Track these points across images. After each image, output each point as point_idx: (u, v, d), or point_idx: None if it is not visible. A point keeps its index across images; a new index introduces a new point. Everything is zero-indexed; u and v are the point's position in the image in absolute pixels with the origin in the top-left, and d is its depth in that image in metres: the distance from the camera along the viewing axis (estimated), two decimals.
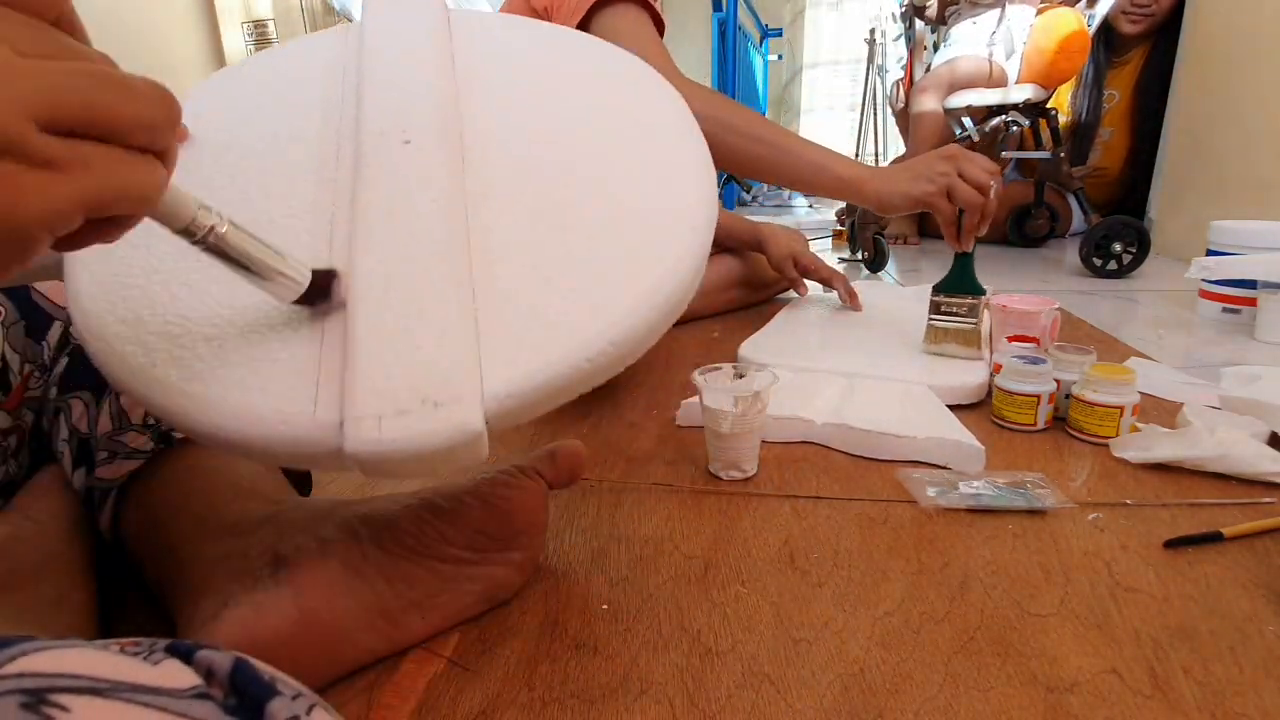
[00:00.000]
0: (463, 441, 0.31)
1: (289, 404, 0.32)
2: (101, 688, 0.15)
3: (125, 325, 0.34)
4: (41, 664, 0.15)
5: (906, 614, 0.45)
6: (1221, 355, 1.01)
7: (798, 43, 4.35)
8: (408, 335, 0.33)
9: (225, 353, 0.33)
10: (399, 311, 0.34)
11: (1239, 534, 0.52)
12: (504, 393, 0.32)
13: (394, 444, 0.30)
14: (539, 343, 0.34)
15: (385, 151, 0.40)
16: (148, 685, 0.16)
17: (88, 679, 0.15)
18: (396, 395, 0.31)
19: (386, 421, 0.31)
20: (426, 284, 0.35)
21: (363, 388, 0.31)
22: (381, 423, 0.31)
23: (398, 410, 0.31)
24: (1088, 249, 1.55)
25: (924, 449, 0.66)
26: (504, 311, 0.35)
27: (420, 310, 0.34)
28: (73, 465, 0.48)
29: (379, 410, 0.31)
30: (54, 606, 0.41)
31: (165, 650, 0.18)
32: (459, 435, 0.31)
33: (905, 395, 0.76)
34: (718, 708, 0.38)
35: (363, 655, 0.40)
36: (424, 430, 0.30)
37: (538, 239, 0.38)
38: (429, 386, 0.31)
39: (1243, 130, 1.58)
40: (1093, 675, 0.40)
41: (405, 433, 0.30)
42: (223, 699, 0.17)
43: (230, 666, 0.18)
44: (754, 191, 3.42)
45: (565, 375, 0.33)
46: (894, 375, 0.81)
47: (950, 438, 0.65)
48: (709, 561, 0.51)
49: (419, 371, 0.32)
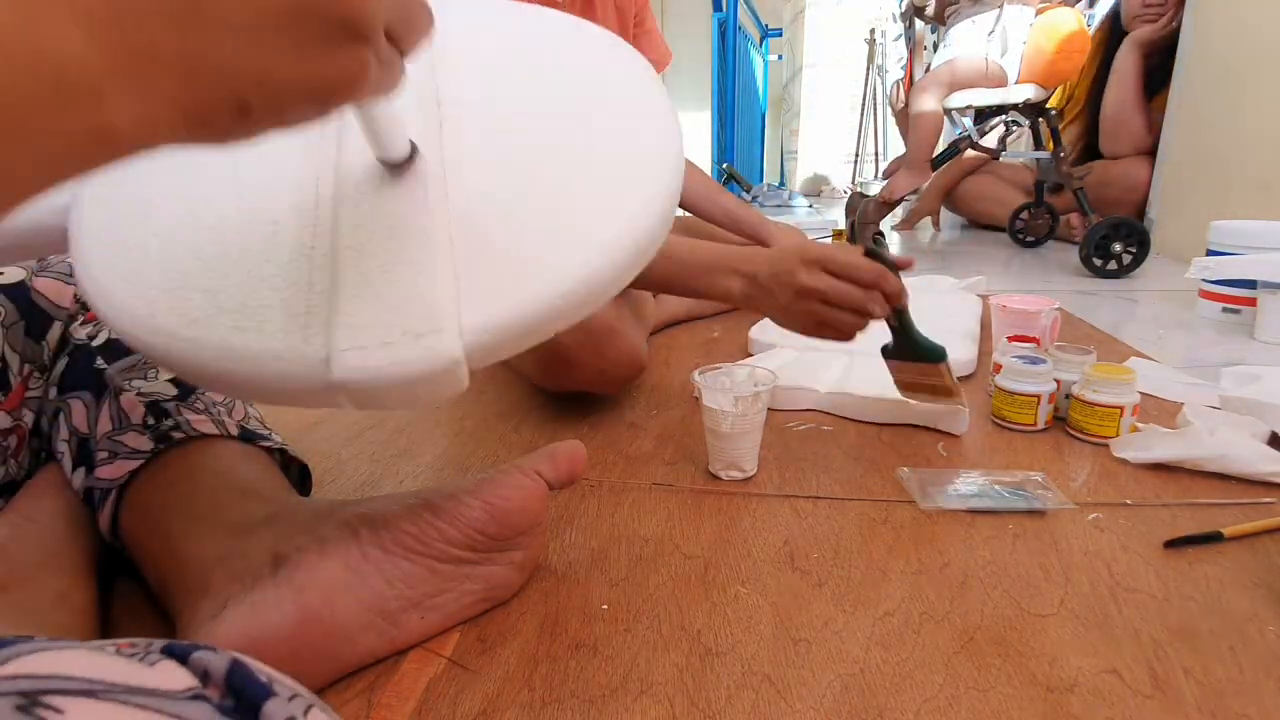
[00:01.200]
0: (443, 368, 0.33)
1: (279, 342, 0.34)
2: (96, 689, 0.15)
3: (127, 283, 0.37)
4: (36, 665, 0.15)
5: (906, 614, 0.45)
6: (1221, 355, 1.01)
7: (798, 43, 4.35)
8: (388, 275, 0.36)
9: (220, 300, 0.36)
10: (381, 257, 0.36)
11: (1239, 534, 0.52)
12: (481, 326, 0.34)
13: (379, 371, 0.33)
14: (514, 281, 0.36)
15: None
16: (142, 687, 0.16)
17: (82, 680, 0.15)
18: (379, 328, 0.34)
19: (370, 352, 0.33)
20: (406, 232, 0.37)
21: (347, 323, 0.34)
22: (365, 353, 0.33)
23: (381, 342, 0.33)
24: (1088, 249, 1.55)
25: (916, 412, 0.73)
26: (480, 254, 0.37)
27: (401, 254, 0.36)
28: (72, 465, 0.48)
29: (363, 342, 0.33)
30: (54, 606, 0.41)
31: (161, 651, 0.18)
32: (440, 362, 0.33)
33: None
34: (718, 708, 0.38)
35: (362, 655, 0.40)
36: (407, 358, 0.33)
37: (512, 190, 0.40)
38: (410, 319, 0.34)
39: (1243, 130, 1.58)
40: (1093, 675, 0.40)
41: (388, 361, 0.33)
42: (219, 700, 0.17)
43: (226, 667, 0.18)
44: (754, 191, 3.41)
45: (540, 311, 0.35)
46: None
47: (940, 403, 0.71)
48: (709, 561, 0.51)
49: (400, 306, 0.34)
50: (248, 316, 0.35)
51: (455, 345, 0.33)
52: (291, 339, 0.34)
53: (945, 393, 0.70)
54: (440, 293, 0.35)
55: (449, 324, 0.34)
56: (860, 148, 4.07)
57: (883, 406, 0.74)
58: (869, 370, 0.82)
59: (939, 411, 0.72)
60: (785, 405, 0.79)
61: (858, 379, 0.80)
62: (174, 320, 0.35)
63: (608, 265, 0.37)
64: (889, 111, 3.78)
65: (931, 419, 0.73)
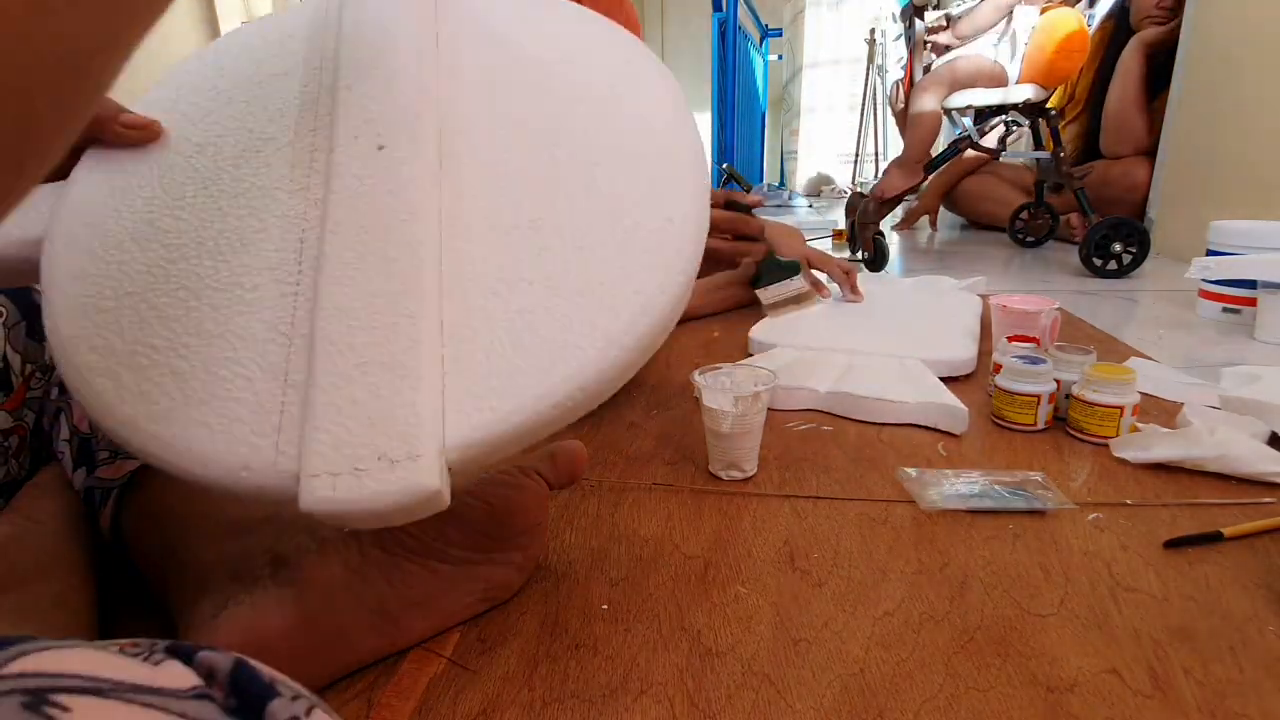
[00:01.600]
0: (419, 500, 0.30)
1: (251, 450, 0.32)
2: (103, 688, 0.15)
3: (97, 355, 0.34)
4: (43, 664, 0.15)
5: (906, 614, 0.45)
6: (1221, 355, 1.01)
7: (798, 43, 4.35)
8: (369, 378, 0.32)
9: (190, 389, 0.33)
10: (363, 351, 0.33)
11: (1239, 534, 0.52)
12: (466, 442, 0.32)
13: (348, 504, 0.30)
14: (505, 388, 0.33)
15: (358, 161, 0.38)
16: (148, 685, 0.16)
17: (89, 679, 0.15)
18: (353, 451, 0.31)
19: (341, 480, 0.30)
20: (390, 322, 0.34)
21: (320, 441, 0.31)
22: (336, 481, 0.30)
23: (353, 468, 0.30)
24: (1088, 249, 1.55)
25: (916, 412, 0.74)
26: (472, 352, 0.34)
27: (385, 349, 0.33)
28: (73, 465, 0.48)
29: (335, 467, 0.30)
30: (54, 606, 0.41)
31: (165, 651, 0.18)
32: (415, 495, 0.30)
33: (900, 368, 0.83)
34: (718, 708, 0.38)
35: (363, 655, 0.40)
36: (379, 490, 0.30)
37: (511, 265, 0.36)
38: (387, 441, 0.31)
39: (1243, 130, 1.58)
40: (1093, 675, 0.40)
41: (360, 492, 0.30)
42: (223, 699, 0.17)
43: (230, 667, 0.18)
44: (754, 191, 3.42)
45: (530, 422, 0.33)
46: (891, 352, 0.88)
47: (939, 402, 0.73)
48: (709, 561, 0.51)
49: (378, 421, 0.31)
50: (215, 412, 0.33)
51: (433, 475, 0.30)
52: (261, 449, 0.32)
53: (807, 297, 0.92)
54: (423, 406, 0.32)
55: (429, 447, 0.31)
56: (860, 148, 4.07)
57: (883, 406, 0.75)
58: (869, 370, 0.83)
59: (938, 411, 0.72)
60: (785, 405, 0.79)
61: (858, 379, 0.80)
62: (140, 410, 0.33)
63: (611, 368, 0.34)
64: (889, 111, 3.78)
65: (931, 419, 0.73)
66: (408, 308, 0.34)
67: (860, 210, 1.76)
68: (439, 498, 0.31)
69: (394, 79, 0.41)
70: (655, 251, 0.37)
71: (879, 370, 0.83)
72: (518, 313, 0.35)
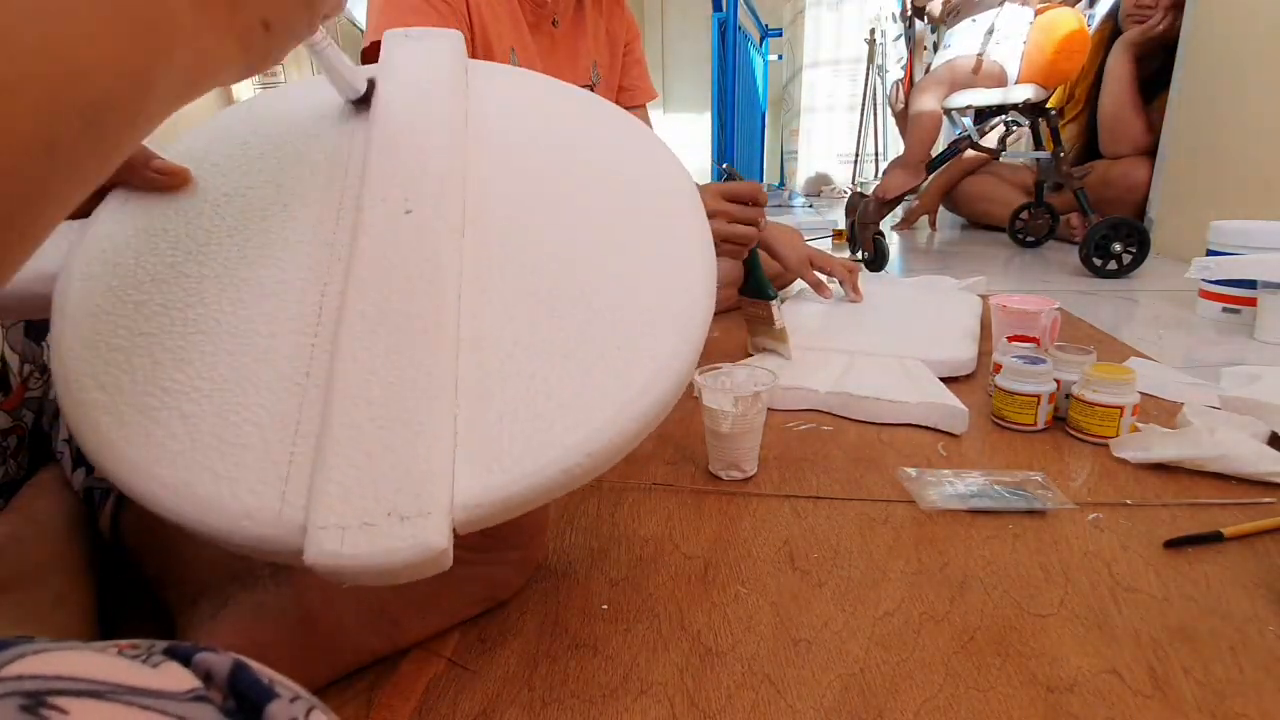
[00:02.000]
0: (426, 559, 0.30)
1: (256, 499, 0.31)
2: (100, 690, 0.15)
3: (104, 392, 0.34)
4: (40, 666, 0.15)
5: (906, 614, 0.45)
6: (1221, 355, 1.01)
7: (798, 43, 4.35)
8: (383, 430, 0.32)
9: (198, 433, 0.33)
10: (377, 405, 0.33)
11: (1239, 534, 0.52)
12: (474, 502, 0.32)
13: (354, 559, 0.30)
14: (516, 451, 0.33)
15: (385, 221, 0.39)
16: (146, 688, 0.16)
17: (87, 681, 0.15)
18: (363, 505, 0.31)
19: (350, 534, 0.30)
20: (408, 378, 0.34)
21: (330, 493, 0.31)
22: (344, 535, 0.30)
23: (362, 522, 0.30)
24: (1088, 249, 1.55)
25: (916, 412, 0.74)
26: (484, 413, 0.34)
27: (398, 406, 0.33)
28: (72, 465, 0.48)
29: (344, 520, 0.30)
30: (54, 606, 0.41)
31: (164, 653, 0.18)
32: (422, 553, 0.30)
33: (901, 368, 0.83)
34: (718, 708, 0.38)
35: (363, 655, 0.40)
36: (386, 546, 0.30)
37: (528, 329, 0.37)
38: (397, 497, 0.31)
39: (1243, 130, 1.58)
40: (1093, 675, 0.40)
41: (367, 547, 0.30)
42: (221, 702, 0.17)
43: (229, 669, 0.18)
44: None
45: (539, 485, 0.33)
46: (891, 352, 0.88)
47: (939, 402, 0.73)
48: (709, 561, 0.51)
49: (389, 478, 0.31)
50: (222, 457, 0.32)
51: (442, 534, 0.30)
52: (266, 498, 0.31)
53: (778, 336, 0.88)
54: (435, 463, 0.32)
55: (439, 505, 0.31)
56: (860, 148, 4.07)
57: (883, 407, 0.75)
58: (869, 370, 0.83)
59: (938, 412, 0.72)
60: (785, 405, 0.79)
61: (857, 379, 0.80)
62: (148, 453, 0.32)
63: (621, 436, 0.35)
64: (889, 111, 3.78)
65: (932, 419, 0.73)
66: (425, 365, 0.34)
67: (860, 210, 1.76)
68: (444, 557, 0.31)
69: (424, 149, 0.42)
70: (667, 320, 0.38)
71: (879, 370, 0.83)
72: (531, 377, 0.35)
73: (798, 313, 1.11)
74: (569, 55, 1.02)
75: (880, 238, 1.69)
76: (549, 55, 0.99)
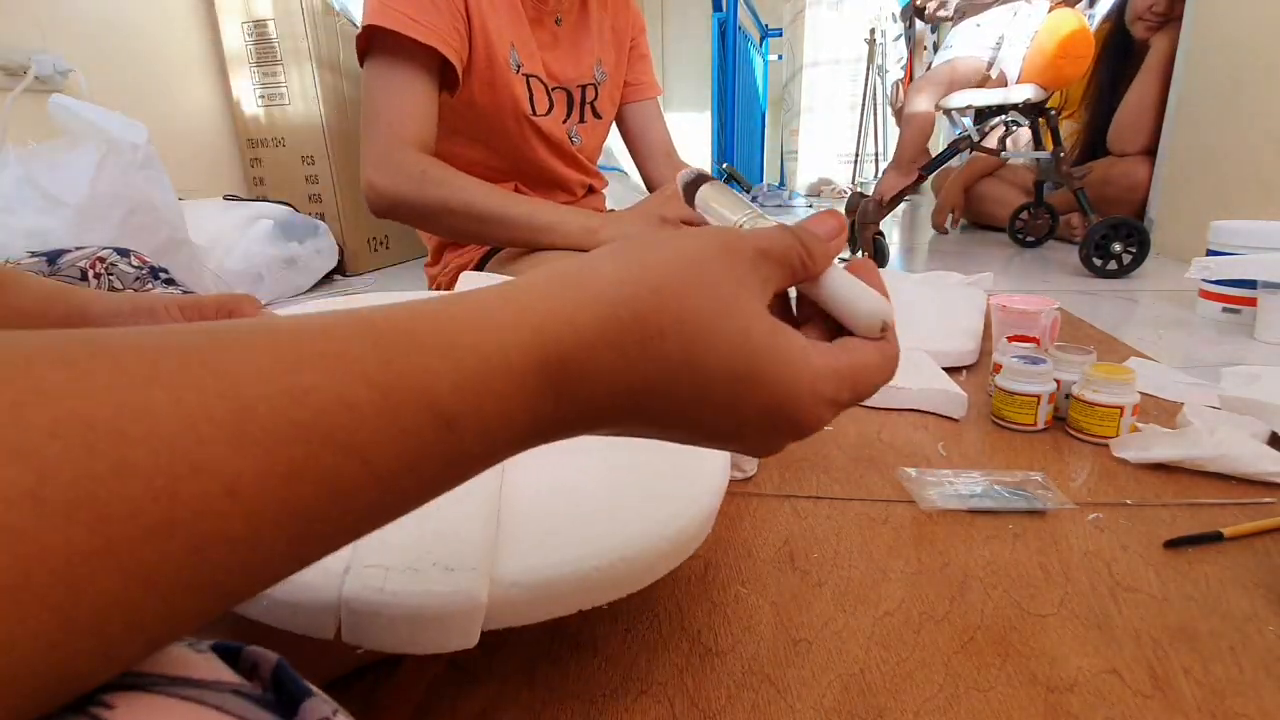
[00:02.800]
0: (463, 610, 0.31)
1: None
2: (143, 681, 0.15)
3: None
4: None
5: (906, 614, 0.45)
6: (1221, 355, 1.01)
7: (798, 43, 4.35)
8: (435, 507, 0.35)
9: None
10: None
11: (1239, 534, 0.52)
12: (511, 580, 0.33)
13: (394, 598, 0.30)
14: (553, 545, 0.35)
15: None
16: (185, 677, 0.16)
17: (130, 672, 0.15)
18: (412, 552, 0.32)
19: (393, 575, 0.31)
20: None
21: (381, 540, 0.31)
22: (388, 574, 0.31)
23: (409, 566, 0.31)
24: (1088, 249, 1.55)
25: (916, 398, 0.77)
26: (525, 517, 0.37)
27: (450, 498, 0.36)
28: None
29: (390, 562, 0.31)
30: None
31: (210, 648, 0.18)
32: (462, 602, 0.31)
33: (904, 357, 0.82)
34: (718, 708, 0.38)
35: (362, 655, 0.40)
36: (428, 590, 0.31)
37: (566, 465, 0.42)
38: (444, 551, 0.33)
39: (1243, 130, 1.58)
40: (1093, 675, 0.40)
41: (410, 588, 0.30)
42: (262, 693, 0.17)
43: (274, 664, 0.18)
44: (754, 191, 3.42)
45: (574, 577, 0.34)
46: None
47: (938, 388, 0.76)
48: (709, 561, 0.51)
49: (439, 535, 0.34)
50: None
51: (483, 587, 0.32)
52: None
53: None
54: (480, 532, 0.34)
55: (484, 564, 0.33)
56: (860, 148, 4.07)
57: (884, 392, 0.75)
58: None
59: (938, 397, 0.74)
60: None
61: None
62: None
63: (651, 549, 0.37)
64: (889, 111, 3.78)
65: (932, 404, 0.74)
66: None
67: (860, 210, 1.76)
68: (479, 616, 0.31)
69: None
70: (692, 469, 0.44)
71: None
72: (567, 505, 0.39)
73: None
74: (571, 52, 1.02)
75: (880, 237, 1.70)
76: (550, 50, 0.99)
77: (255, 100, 1.73)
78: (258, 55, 1.69)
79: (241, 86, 1.73)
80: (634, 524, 0.38)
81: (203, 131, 1.72)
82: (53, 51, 1.33)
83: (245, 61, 1.70)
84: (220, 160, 1.76)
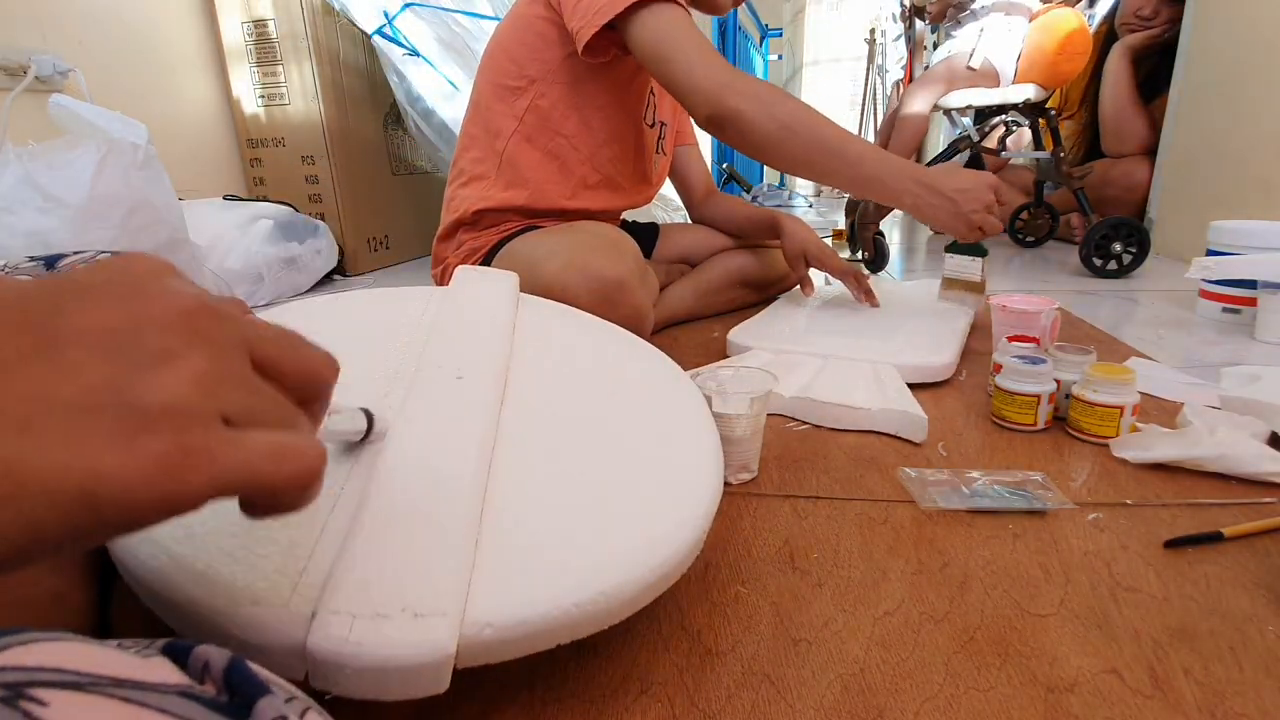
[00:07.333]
0: (430, 661, 0.30)
1: (269, 585, 0.31)
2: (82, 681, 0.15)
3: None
4: (23, 657, 0.15)
5: (906, 614, 0.45)
6: (1221, 355, 1.01)
7: (798, 43, 4.35)
8: (409, 528, 0.35)
9: (225, 523, 0.34)
10: (407, 504, 0.36)
11: (1239, 534, 0.52)
12: (485, 620, 0.32)
13: (359, 649, 0.29)
14: (531, 580, 0.34)
15: (439, 383, 0.46)
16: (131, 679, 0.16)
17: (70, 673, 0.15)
18: (379, 597, 0.31)
19: (359, 623, 0.30)
20: (441, 493, 0.37)
21: (349, 582, 0.31)
22: (354, 623, 0.30)
23: (375, 613, 0.30)
24: (1088, 249, 1.55)
25: (875, 419, 0.73)
26: (503, 545, 0.36)
27: (428, 508, 0.36)
28: None
29: (357, 609, 0.30)
30: (52, 605, 0.41)
31: (163, 650, 0.18)
32: (429, 653, 0.30)
33: (872, 374, 0.82)
34: (718, 708, 0.38)
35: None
36: (395, 639, 0.30)
37: (551, 483, 0.42)
38: (415, 594, 0.31)
39: (1243, 130, 1.58)
40: (1093, 675, 0.40)
41: (375, 638, 0.29)
42: (214, 695, 0.17)
43: (226, 664, 0.18)
44: (754, 191, 3.41)
45: (550, 616, 0.33)
46: (865, 356, 0.87)
47: (898, 409, 0.72)
48: (709, 561, 0.51)
49: (409, 574, 0.32)
50: (245, 546, 0.33)
51: (451, 637, 0.31)
52: (279, 587, 0.31)
53: (976, 289, 1.03)
54: (455, 568, 0.33)
55: (454, 607, 0.31)
56: None
57: (844, 413, 0.74)
58: (838, 375, 0.82)
59: (898, 419, 0.72)
60: None
61: (824, 384, 0.79)
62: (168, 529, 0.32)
63: (632, 581, 0.37)
64: (889, 111, 3.78)
65: (892, 426, 0.72)
66: (457, 486, 0.38)
67: (860, 210, 1.76)
68: (447, 666, 0.30)
69: (480, 337, 0.53)
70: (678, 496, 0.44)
71: (848, 376, 0.81)
72: (548, 524, 0.39)
73: (785, 309, 1.11)
74: (662, 95, 1.11)
75: (880, 238, 1.69)
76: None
77: (255, 100, 1.73)
78: (258, 54, 1.68)
79: (241, 86, 1.72)
80: (618, 553, 0.37)
81: (203, 131, 1.72)
82: (53, 51, 1.33)
83: (245, 61, 1.70)
84: (220, 160, 1.76)
